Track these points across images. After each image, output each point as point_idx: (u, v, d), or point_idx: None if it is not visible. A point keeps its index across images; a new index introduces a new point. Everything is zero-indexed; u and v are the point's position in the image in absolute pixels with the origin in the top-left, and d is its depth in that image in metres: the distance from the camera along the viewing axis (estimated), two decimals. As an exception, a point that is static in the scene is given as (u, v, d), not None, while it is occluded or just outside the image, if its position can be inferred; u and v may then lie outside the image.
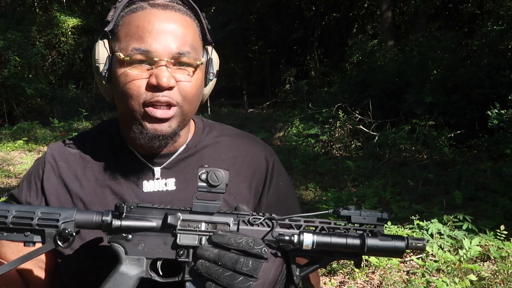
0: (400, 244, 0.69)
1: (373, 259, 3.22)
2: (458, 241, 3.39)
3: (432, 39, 8.85)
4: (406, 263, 3.38)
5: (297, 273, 0.72)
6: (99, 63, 0.84)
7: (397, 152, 6.48)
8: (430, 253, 3.24)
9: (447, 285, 2.77)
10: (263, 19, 14.07)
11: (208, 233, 0.72)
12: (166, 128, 0.83)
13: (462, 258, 3.07)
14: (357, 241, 0.68)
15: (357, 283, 3.11)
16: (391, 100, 8.09)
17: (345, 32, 14.61)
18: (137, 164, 0.90)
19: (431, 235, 3.49)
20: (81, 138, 0.97)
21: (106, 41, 0.85)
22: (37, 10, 14.83)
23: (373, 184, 5.07)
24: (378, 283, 3.08)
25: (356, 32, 14.67)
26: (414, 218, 3.76)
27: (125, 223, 0.71)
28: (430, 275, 2.99)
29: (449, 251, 3.30)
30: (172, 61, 0.81)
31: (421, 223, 3.69)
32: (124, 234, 0.72)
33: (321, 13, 14.41)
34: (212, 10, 16.27)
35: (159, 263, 0.74)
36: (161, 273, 0.75)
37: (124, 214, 0.71)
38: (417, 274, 3.10)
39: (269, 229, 0.71)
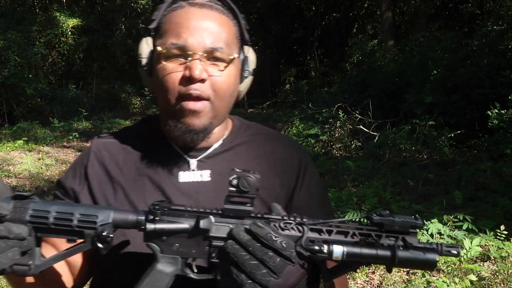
0: (432, 257, 0.68)
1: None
2: (458, 241, 3.39)
3: (432, 39, 8.85)
4: (406, 263, 3.38)
5: (326, 277, 0.72)
6: (142, 57, 0.92)
7: (397, 152, 6.48)
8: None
9: (447, 285, 2.77)
10: (263, 19, 14.06)
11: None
12: (198, 124, 0.88)
13: (462, 258, 3.07)
14: (387, 253, 0.67)
15: (357, 283, 3.11)
16: (391, 100, 8.09)
17: (345, 32, 14.61)
18: (174, 156, 0.95)
19: (431, 235, 3.49)
20: (124, 131, 1.04)
21: (149, 38, 0.92)
22: (37, 10, 14.82)
23: (373, 184, 5.07)
24: (378, 283, 3.08)
25: (356, 32, 14.67)
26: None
27: (159, 226, 0.73)
28: (430, 275, 2.99)
29: (449, 251, 3.30)
30: (205, 55, 0.85)
31: (421, 223, 3.69)
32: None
33: (321, 13, 14.41)
34: (212, 10, 16.30)
35: (193, 262, 0.77)
36: (195, 271, 0.77)
37: (158, 217, 0.73)
38: (417, 274, 3.10)
39: (299, 234, 0.71)
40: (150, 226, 0.72)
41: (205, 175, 0.94)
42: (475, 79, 6.72)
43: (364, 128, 7.10)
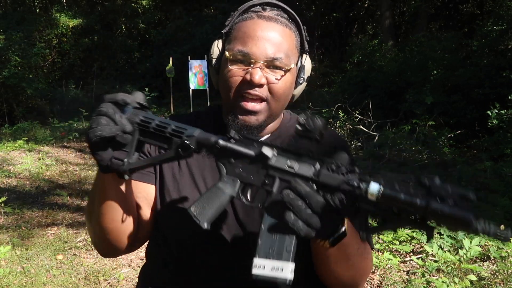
0: (468, 216, 0.66)
1: (373, 259, 3.22)
2: (458, 241, 3.39)
3: (433, 39, 8.85)
4: (406, 263, 3.38)
5: (364, 229, 0.73)
6: (213, 58, 1.05)
7: (397, 152, 6.48)
8: (430, 253, 3.24)
9: (447, 285, 2.77)
10: (263, 19, 14.07)
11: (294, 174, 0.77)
12: (254, 121, 0.99)
13: (462, 258, 3.08)
14: (422, 202, 0.65)
15: (357, 283, 3.10)
16: (391, 100, 8.09)
17: (345, 32, 14.62)
18: None
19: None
20: (196, 115, 1.16)
21: (220, 40, 1.05)
22: (37, 10, 14.83)
23: (373, 184, 5.07)
24: (378, 283, 3.08)
25: (356, 32, 14.67)
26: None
27: (230, 145, 0.82)
28: (430, 275, 2.99)
29: (449, 251, 3.30)
30: (266, 63, 0.97)
31: (421, 223, 3.69)
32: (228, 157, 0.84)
33: (321, 13, 14.42)
34: (212, 10, 16.28)
35: (249, 190, 0.85)
36: (249, 198, 0.85)
37: (232, 140, 0.83)
38: (417, 274, 3.10)
39: (345, 177, 0.73)
40: (222, 142, 0.83)
41: None
42: (475, 79, 6.72)
43: (364, 128, 7.11)
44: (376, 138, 6.87)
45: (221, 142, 0.83)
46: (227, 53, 0.99)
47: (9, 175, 5.99)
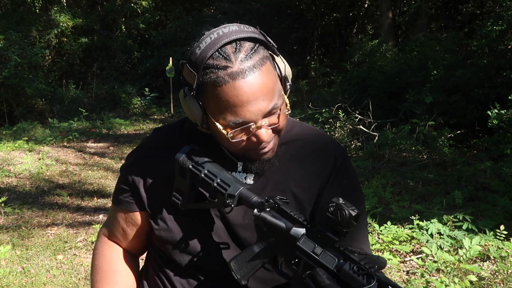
0: None
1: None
2: (458, 241, 3.39)
3: (433, 39, 8.84)
4: (406, 263, 3.38)
5: None
6: (197, 122, 0.94)
7: (397, 152, 6.47)
8: (429, 254, 3.23)
9: (446, 285, 2.77)
10: (263, 19, 14.06)
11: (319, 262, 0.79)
12: (269, 156, 0.97)
13: (461, 259, 3.07)
14: None
15: (357, 283, 3.10)
16: (391, 100, 8.09)
17: (345, 32, 14.61)
18: (225, 158, 1.02)
19: (431, 235, 3.49)
20: (178, 125, 1.12)
21: (194, 100, 0.92)
22: (37, 10, 14.82)
23: (373, 184, 5.07)
24: (378, 283, 3.08)
25: (356, 32, 14.67)
26: (414, 218, 3.76)
27: (263, 215, 0.85)
28: (429, 275, 2.99)
29: (449, 251, 3.30)
30: (266, 120, 0.89)
31: (421, 223, 3.69)
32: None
33: (321, 13, 14.41)
34: (212, 10, 16.28)
35: (281, 260, 0.88)
36: (280, 268, 0.88)
37: (266, 209, 0.86)
38: (416, 274, 3.10)
39: (364, 282, 0.73)
40: (256, 212, 0.86)
41: (249, 179, 1.02)
42: (475, 79, 6.71)
43: (364, 128, 7.10)
44: (376, 138, 6.87)
45: (255, 212, 0.86)
46: (220, 127, 0.89)
47: (9, 175, 5.99)
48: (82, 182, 5.89)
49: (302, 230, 0.81)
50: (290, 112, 1.01)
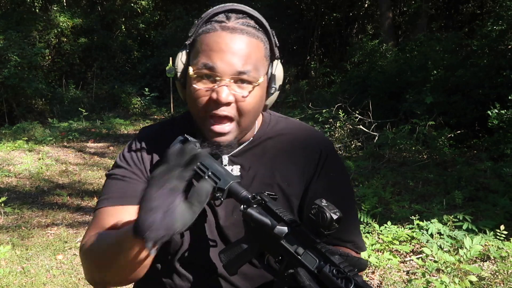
0: None
1: (373, 259, 3.22)
2: (458, 241, 3.38)
3: (433, 39, 8.84)
4: (406, 263, 3.38)
5: None
6: (178, 71, 0.99)
7: (397, 152, 6.47)
8: (429, 254, 3.23)
9: (446, 286, 2.77)
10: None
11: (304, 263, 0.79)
12: (223, 140, 0.96)
13: (462, 259, 3.07)
14: None
15: (357, 283, 3.10)
16: (391, 100, 8.09)
17: (345, 32, 14.61)
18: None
19: (431, 235, 3.49)
20: (170, 123, 1.13)
21: (184, 52, 0.98)
22: (36, 10, 14.82)
23: (373, 184, 5.06)
24: (378, 283, 3.08)
25: (356, 32, 14.67)
26: (414, 218, 3.76)
27: (250, 211, 0.86)
28: (430, 275, 2.99)
29: (449, 251, 3.29)
30: (233, 79, 0.91)
31: (421, 223, 3.69)
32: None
33: (321, 13, 14.41)
34: (212, 10, 16.26)
35: (268, 255, 0.88)
36: (265, 263, 0.89)
37: (253, 205, 0.86)
38: (417, 274, 3.09)
39: (342, 286, 0.73)
40: (242, 208, 0.86)
41: (235, 171, 1.03)
42: (475, 79, 6.71)
43: (364, 128, 7.10)
44: (376, 138, 6.87)
45: (242, 207, 0.87)
46: (191, 69, 0.93)
47: (9, 175, 5.99)
48: (82, 182, 5.89)
49: (286, 229, 0.81)
50: (269, 108, 1.06)
